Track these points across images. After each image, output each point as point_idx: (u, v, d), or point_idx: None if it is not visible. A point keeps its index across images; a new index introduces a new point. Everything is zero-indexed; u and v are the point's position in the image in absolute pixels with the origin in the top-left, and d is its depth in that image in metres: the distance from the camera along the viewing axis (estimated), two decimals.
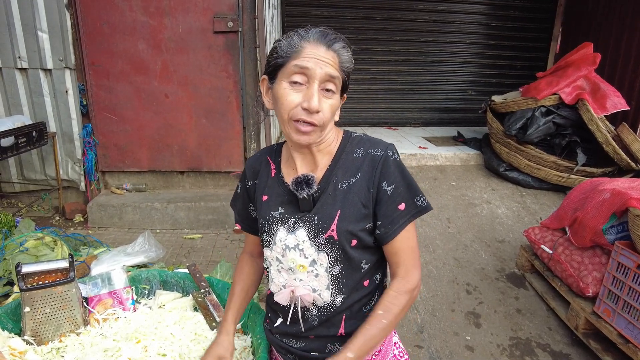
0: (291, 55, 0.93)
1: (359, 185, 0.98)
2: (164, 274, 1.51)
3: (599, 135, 3.67)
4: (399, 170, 0.99)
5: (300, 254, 0.99)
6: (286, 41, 0.95)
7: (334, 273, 0.99)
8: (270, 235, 1.03)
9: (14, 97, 3.60)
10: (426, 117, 5.97)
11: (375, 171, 0.98)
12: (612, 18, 4.69)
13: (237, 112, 3.74)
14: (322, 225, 0.97)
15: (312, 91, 0.91)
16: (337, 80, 0.94)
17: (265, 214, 1.04)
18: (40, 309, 1.23)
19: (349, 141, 1.04)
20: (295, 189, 0.99)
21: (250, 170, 1.13)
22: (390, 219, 0.98)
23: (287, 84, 0.94)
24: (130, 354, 1.10)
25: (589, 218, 2.32)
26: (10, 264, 1.91)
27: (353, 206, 0.97)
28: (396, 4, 5.40)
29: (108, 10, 3.46)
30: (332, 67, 0.93)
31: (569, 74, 3.89)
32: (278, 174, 1.07)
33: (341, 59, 0.95)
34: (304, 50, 0.92)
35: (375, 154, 1.00)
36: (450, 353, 2.34)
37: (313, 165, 1.03)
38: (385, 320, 0.96)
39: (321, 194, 1.00)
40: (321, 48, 0.93)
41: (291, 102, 0.93)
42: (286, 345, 1.08)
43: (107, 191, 3.92)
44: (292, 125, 0.95)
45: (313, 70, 0.91)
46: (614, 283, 2.15)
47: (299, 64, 0.92)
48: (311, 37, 0.94)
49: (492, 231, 3.44)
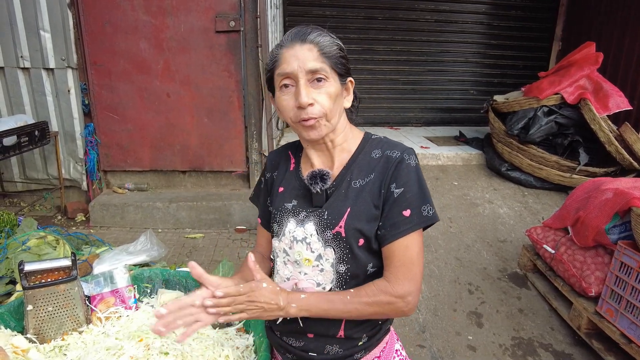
0: (274, 65, 0.98)
1: (371, 185, 0.99)
2: (166, 272, 1.52)
3: (602, 135, 3.66)
4: (412, 175, 0.97)
5: (307, 247, 1.00)
6: (270, 55, 1.00)
7: (339, 270, 1.00)
8: (281, 226, 1.04)
9: (16, 97, 3.60)
10: (428, 117, 5.97)
11: (387, 172, 0.98)
12: (614, 17, 4.68)
13: (238, 112, 3.74)
14: (331, 220, 0.98)
15: (299, 89, 0.94)
16: (322, 69, 0.94)
17: (279, 205, 1.06)
18: (43, 307, 1.23)
19: (369, 142, 1.05)
20: (310, 183, 1.00)
21: (270, 162, 1.16)
22: (391, 222, 0.96)
23: (280, 92, 0.98)
24: (132, 353, 1.10)
25: (591, 218, 2.31)
26: (12, 263, 1.92)
27: (364, 205, 0.97)
28: (398, 4, 5.39)
29: (110, 9, 3.47)
30: (312, 60, 0.93)
31: (571, 74, 3.88)
32: (297, 168, 1.10)
33: (320, 47, 0.95)
34: (282, 56, 0.96)
35: (391, 155, 0.99)
36: (453, 353, 2.34)
37: (330, 162, 1.05)
38: (350, 297, 0.94)
39: (334, 191, 1.01)
40: (296, 46, 0.95)
41: (287, 106, 0.97)
42: (285, 343, 1.08)
43: (109, 190, 3.92)
44: (298, 126, 0.98)
45: (293, 70, 0.94)
46: (616, 283, 2.15)
47: (280, 72, 0.96)
48: (286, 41, 0.97)
49: (494, 231, 3.44)
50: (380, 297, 0.94)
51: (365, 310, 0.95)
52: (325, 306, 0.94)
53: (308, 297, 0.95)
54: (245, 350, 1.21)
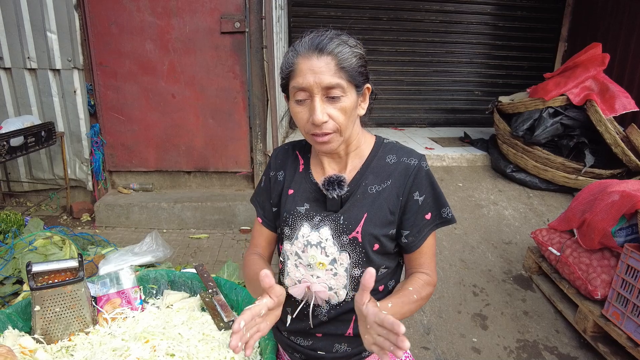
0: (289, 75, 0.95)
1: (389, 191, 0.99)
2: (172, 273, 1.52)
3: (608, 136, 3.63)
4: (429, 182, 1.01)
5: (322, 251, 1.00)
6: (285, 59, 0.96)
7: (354, 275, 1.00)
8: (294, 229, 1.03)
9: (23, 97, 3.63)
10: (432, 118, 5.95)
11: (407, 180, 0.99)
12: (621, 18, 4.65)
13: (243, 113, 3.75)
14: (348, 226, 0.98)
15: (313, 105, 0.91)
16: (339, 85, 0.90)
17: (291, 207, 1.04)
18: (50, 308, 1.24)
19: (382, 147, 1.05)
20: (326, 189, 0.99)
21: (276, 160, 1.13)
22: (418, 228, 1.00)
23: (295, 103, 0.96)
24: (139, 354, 1.11)
25: (597, 220, 2.30)
26: (19, 263, 1.93)
27: (380, 211, 0.98)
28: (403, 5, 5.38)
29: (116, 10, 3.49)
30: (328, 75, 0.89)
31: (577, 75, 3.85)
32: (306, 170, 1.08)
33: (339, 60, 0.90)
34: (298, 66, 0.92)
35: (409, 163, 1.01)
36: (457, 355, 2.33)
37: (342, 166, 1.05)
38: (415, 296, 0.96)
39: (350, 196, 1.01)
40: (313, 58, 0.90)
41: (301, 119, 0.96)
42: (293, 343, 1.08)
43: (114, 191, 3.94)
44: (310, 139, 0.98)
45: (309, 86, 0.90)
46: (623, 286, 2.13)
47: (295, 85, 0.93)
48: (302, 49, 0.92)
49: (499, 233, 3.43)
50: (428, 289, 1.01)
51: (421, 304, 0.99)
52: (404, 310, 0.93)
53: (393, 306, 0.90)
54: None
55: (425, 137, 5.18)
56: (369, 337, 0.77)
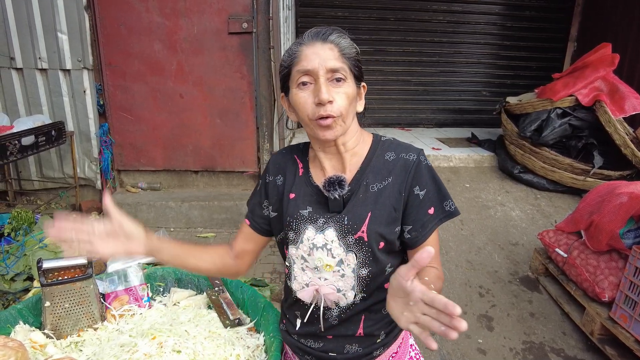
0: (292, 62, 0.97)
1: (390, 188, 0.99)
2: (179, 272, 1.54)
3: (617, 137, 3.60)
4: (430, 175, 1.01)
5: (328, 253, 0.99)
6: (287, 51, 0.99)
7: (361, 275, 1.00)
8: (298, 233, 1.02)
9: (34, 97, 3.68)
10: (440, 118, 5.93)
11: (408, 175, 0.99)
12: (632, 17, 4.60)
13: (250, 113, 3.77)
14: (353, 226, 0.97)
15: (319, 85, 0.93)
16: (342, 69, 0.94)
17: (293, 212, 1.03)
18: (60, 304, 1.27)
19: (380, 144, 1.05)
20: (327, 190, 0.99)
21: (274, 165, 1.12)
22: (421, 223, 0.99)
23: (297, 89, 0.96)
24: (146, 350, 1.12)
25: (605, 222, 2.28)
26: (30, 260, 1.97)
27: (384, 209, 0.98)
28: (410, 5, 5.37)
29: (125, 11, 3.53)
30: (332, 59, 0.93)
31: (586, 75, 3.82)
32: (306, 174, 1.07)
33: (340, 47, 0.95)
34: (302, 53, 0.95)
35: (408, 158, 1.00)
36: (462, 356, 2.33)
37: (341, 166, 1.04)
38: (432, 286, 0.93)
39: (351, 196, 1.00)
40: (317, 44, 0.95)
41: (305, 102, 0.95)
42: (304, 345, 1.08)
43: (122, 189, 3.98)
44: (314, 125, 0.96)
45: (314, 67, 0.93)
46: (631, 288, 2.11)
47: (300, 69, 0.95)
48: (306, 39, 0.97)
49: (506, 234, 3.41)
50: (440, 283, 0.98)
51: None
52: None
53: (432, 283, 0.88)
54: (255, 349, 1.22)
55: (432, 138, 5.16)
56: (409, 315, 0.70)
